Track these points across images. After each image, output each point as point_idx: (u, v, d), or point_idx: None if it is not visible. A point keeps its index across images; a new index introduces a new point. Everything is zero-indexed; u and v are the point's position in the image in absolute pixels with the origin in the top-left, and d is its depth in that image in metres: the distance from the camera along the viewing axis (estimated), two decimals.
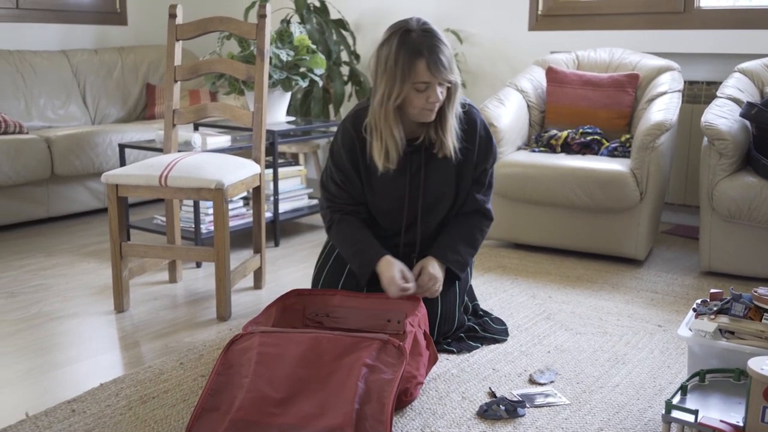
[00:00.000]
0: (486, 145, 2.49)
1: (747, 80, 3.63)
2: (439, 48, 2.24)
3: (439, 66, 2.22)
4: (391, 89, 2.26)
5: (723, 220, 3.28)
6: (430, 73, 2.22)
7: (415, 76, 2.23)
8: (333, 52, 5.00)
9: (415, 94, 2.26)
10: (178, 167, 2.82)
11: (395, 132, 2.33)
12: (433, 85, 2.25)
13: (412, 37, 2.24)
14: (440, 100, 2.28)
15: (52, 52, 4.95)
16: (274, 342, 2.10)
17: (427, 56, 2.21)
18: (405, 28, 2.26)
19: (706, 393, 1.89)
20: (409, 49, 2.22)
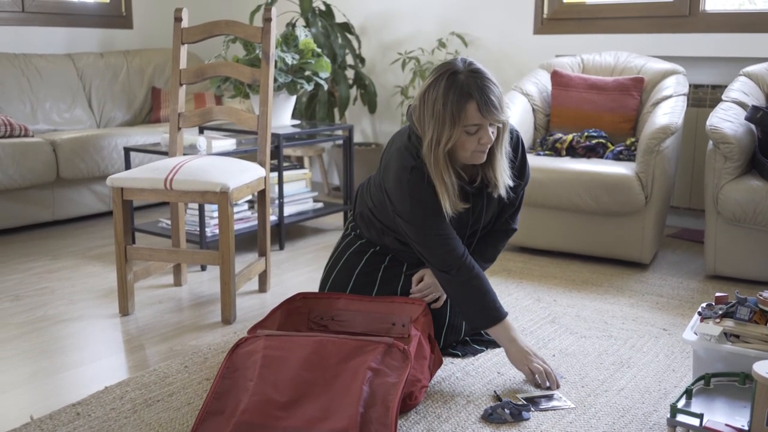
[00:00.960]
0: (521, 168, 2.45)
1: (752, 84, 3.62)
2: (489, 89, 2.14)
3: (491, 107, 2.13)
4: (440, 134, 2.16)
5: (728, 223, 3.27)
6: (481, 115, 2.13)
7: (465, 119, 2.14)
8: (338, 55, 5.00)
9: (466, 137, 2.17)
10: (183, 170, 2.83)
11: (446, 177, 2.21)
12: (484, 126, 2.16)
13: (460, 79, 2.14)
14: (492, 140, 2.19)
15: (58, 56, 4.96)
16: (279, 345, 2.11)
17: (477, 98, 2.12)
18: (452, 70, 2.16)
19: (711, 397, 1.89)
20: (458, 92, 2.13)
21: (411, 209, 2.27)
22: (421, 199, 2.25)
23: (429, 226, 2.27)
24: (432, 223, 2.27)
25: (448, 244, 2.29)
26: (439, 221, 2.27)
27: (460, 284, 2.31)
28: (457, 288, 2.32)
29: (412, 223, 2.29)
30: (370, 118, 5.43)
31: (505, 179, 2.31)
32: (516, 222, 2.57)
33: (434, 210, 2.25)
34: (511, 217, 2.54)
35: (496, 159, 2.28)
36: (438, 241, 2.28)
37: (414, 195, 2.25)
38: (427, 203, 2.25)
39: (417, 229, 2.29)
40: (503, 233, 2.56)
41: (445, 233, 2.28)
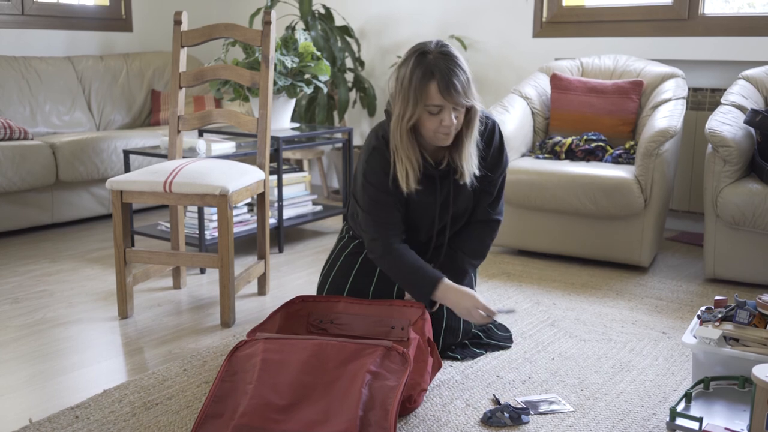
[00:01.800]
0: (496, 156, 2.48)
1: (751, 87, 3.62)
2: (453, 71, 2.19)
3: (451, 89, 2.18)
4: (404, 110, 2.24)
5: (727, 227, 3.27)
6: (441, 96, 2.19)
7: (427, 99, 2.20)
8: (338, 58, 5.01)
9: (427, 116, 2.23)
10: (182, 173, 2.83)
11: (411, 154, 2.30)
12: (446, 108, 2.21)
13: (428, 59, 2.21)
14: (454, 124, 2.24)
15: (58, 59, 4.96)
16: (278, 348, 2.11)
17: (438, 79, 2.18)
18: (422, 50, 2.24)
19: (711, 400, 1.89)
20: (422, 71, 2.20)
21: (365, 176, 2.40)
22: (374, 169, 2.37)
23: (374, 198, 2.39)
24: (377, 197, 2.38)
25: (383, 225, 2.40)
26: (383, 197, 2.38)
27: (393, 268, 2.41)
28: (392, 271, 2.42)
29: (362, 190, 2.41)
30: (370, 121, 5.44)
31: (470, 167, 2.36)
32: (497, 212, 2.56)
33: (384, 183, 2.36)
34: (491, 206, 2.54)
35: (462, 145, 2.34)
36: (375, 215, 2.40)
37: (370, 162, 2.38)
38: (379, 174, 2.37)
39: (364, 198, 2.41)
40: (485, 224, 2.55)
41: (384, 212, 2.39)
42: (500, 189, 2.55)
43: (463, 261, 2.53)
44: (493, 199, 2.53)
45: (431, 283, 2.36)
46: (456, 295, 2.35)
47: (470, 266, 2.57)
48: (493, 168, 2.48)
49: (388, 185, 2.37)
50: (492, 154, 2.46)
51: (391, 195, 2.38)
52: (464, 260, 2.53)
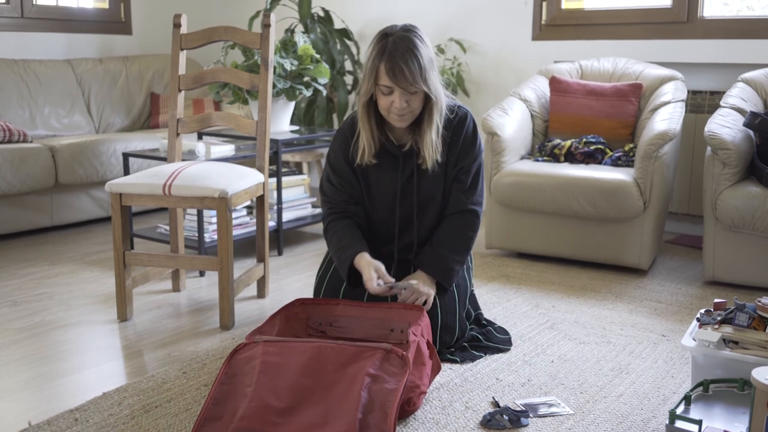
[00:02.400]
0: (468, 144, 2.53)
1: (750, 90, 3.63)
2: (404, 56, 2.28)
3: (398, 73, 2.27)
4: (362, 85, 2.38)
5: (727, 229, 3.28)
6: (388, 78, 2.29)
7: (378, 78, 2.32)
8: (337, 61, 5.01)
9: (381, 96, 2.35)
10: (182, 176, 2.83)
11: (367, 127, 2.43)
12: (396, 91, 2.31)
13: (387, 41, 2.32)
14: (404, 107, 2.33)
15: (57, 61, 4.97)
16: (278, 351, 2.10)
17: (386, 61, 2.28)
18: (385, 32, 2.36)
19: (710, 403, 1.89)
20: (378, 51, 2.32)
21: (331, 144, 2.59)
22: (332, 151, 2.57)
23: (331, 166, 2.57)
24: (329, 179, 2.57)
25: (326, 193, 2.58)
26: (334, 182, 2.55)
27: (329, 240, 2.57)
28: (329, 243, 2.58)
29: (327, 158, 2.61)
30: None
31: (431, 153, 2.43)
32: (472, 202, 2.56)
33: (337, 168, 2.54)
34: (465, 194, 2.55)
35: (422, 131, 2.43)
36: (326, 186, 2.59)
37: (330, 147, 2.59)
38: (335, 157, 2.55)
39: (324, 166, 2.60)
40: (461, 215, 2.55)
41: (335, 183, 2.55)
42: (475, 178, 2.56)
43: (446, 258, 2.51)
44: (467, 188, 2.54)
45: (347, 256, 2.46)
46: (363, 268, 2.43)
47: (455, 263, 2.52)
48: (464, 156, 2.52)
49: (343, 166, 2.53)
50: (463, 143, 2.51)
51: (346, 177, 2.54)
52: (447, 257, 2.51)
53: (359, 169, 2.53)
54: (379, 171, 2.52)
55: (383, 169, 2.52)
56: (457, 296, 2.57)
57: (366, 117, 2.43)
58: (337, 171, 2.56)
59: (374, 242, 2.59)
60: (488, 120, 3.73)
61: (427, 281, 2.49)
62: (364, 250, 2.47)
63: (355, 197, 2.57)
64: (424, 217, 2.56)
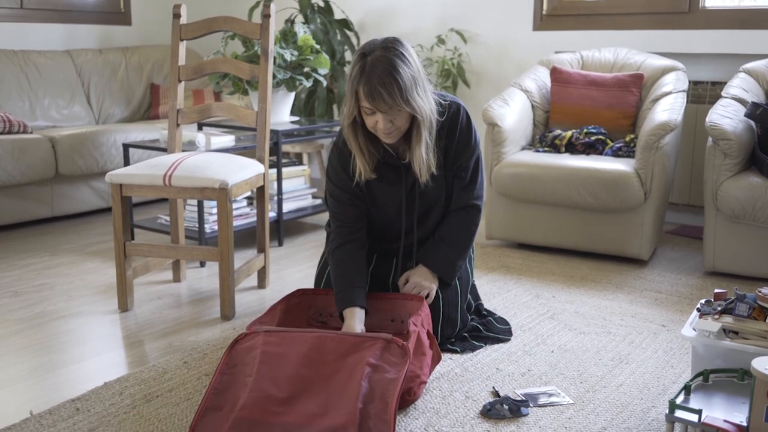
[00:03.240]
0: (464, 141, 2.45)
1: (752, 80, 3.62)
2: (382, 78, 2.16)
3: (376, 97, 2.16)
4: (345, 106, 2.29)
5: (727, 220, 3.27)
6: (367, 101, 2.19)
7: (360, 100, 2.23)
8: (337, 52, 5.00)
9: (366, 116, 2.26)
10: (182, 167, 2.83)
11: (355, 144, 2.34)
12: (377, 112, 2.22)
13: (365, 61, 2.20)
14: (389, 127, 2.24)
15: (57, 52, 4.96)
16: (278, 341, 2.11)
17: (364, 84, 2.18)
18: (364, 51, 2.23)
19: (710, 393, 1.89)
20: (357, 72, 2.21)
21: (329, 162, 2.49)
22: (330, 169, 2.48)
23: (330, 198, 2.50)
24: (332, 196, 2.49)
25: (334, 210, 2.49)
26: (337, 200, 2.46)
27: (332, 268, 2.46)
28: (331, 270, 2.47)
29: (327, 187, 2.52)
30: None
31: (424, 168, 2.35)
32: (473, 197, 2.52)
33: (338, 184, 2.46)
34: (465, 190, 2.51)
35: (412, 148, 2.33)
36: (331, 217, 2.52)
37: (329, 164, 2.49)
38: (333, 174, 2.47)
39: (328, 192, 2.52)
40: (463, 211, 2.53)
41: (342, 200, 2.46)
42: (474, 172, 2.51)
43: (449, 254, 2.51)
44: (467, 183, 2.51)
45: (343, 303, 2.35)
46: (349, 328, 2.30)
47: (458, 259, 2.52)
48: (460, 154, 2.46)
49: (346, 181, 2.43)
50: (458, 141, 2.44)
51: (349, 191, 2.44)
52: (450, 253, 2.51)
53: (361, 184, 2.44)
54: (382, 184, 2.44)
55: (386, 181, 2.44)
56: (459, 289, 2.57)
57: (353, 137, 2.33)
58: (340, 186, 2.46)
59: (378, 243, 2.57)
60: (489, 111, 3.72)
61: (428, 275, 2.49)
62: (361, 304, 2.35)
63: (362, 210, 2.48)
64: (427, 219, 2.54)
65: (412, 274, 2.50)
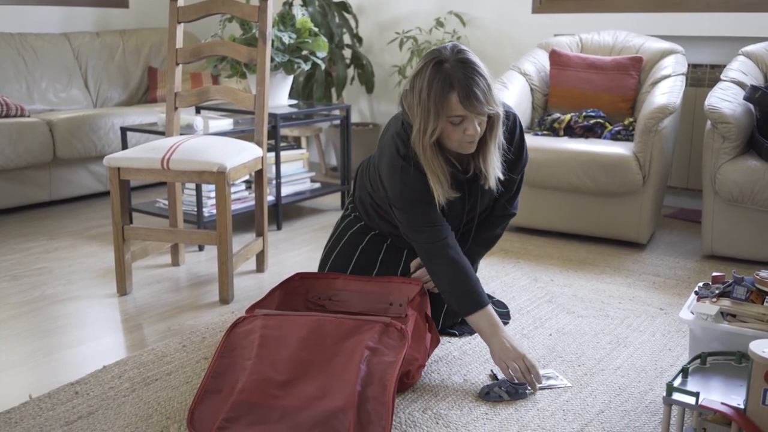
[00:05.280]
0: (517, 154, 2.40)
1: (751, 63, 3.61)
2: (473, 80, 2.07)
3: (473, 99, 2.06)
4: (426, 124, 2.12)
5: (726, 203, 3.27)
6: (463, 107, 2.08)
7: (449, 110, 2.09)
8: (335, 35, 4.98)
9: (451, 127, 2.13)
10: (180, 150, 2.82)
11: (438, 168, 2.20)
12: (469, 118, 2.11)
13: (445, 69, 2.08)
14: (478, 132, 2.14)
15: (54, 35, 4.93)
16: (277, 325, 2.11)
17: (458, 89, 2.06)
18: (439, 59, 2.11)
19: (708, 376, 1.89)
20: (441, 82, 2.08)
21: (401, 195, 2.26)
22: (411, 187, 2.24)
23: (417, 213, 2.26)
24: (420, 211, 2.26)
25: (435, 233, 2.27)
26: (427, 209, 2.25)
27: (443, 272, 2.26)
28: (440, 275, 2.27)
29: (401, 209, 2.28)
30: (368, 97, 5.41)
31: (495, 172, 2.26)
32: (515, 206, 2.53)
33: (423, 197, 2.24)
34: (509, 201, 2.50)
35: (488, 150, 2.24)
36: (425, 229, 2.27)
37: (405, 182, 2.24)
38: (416, 190, 2.24)
39: (406, 216, 2.28)
40: (501, 218, 2.53)
41: (432, 221, 2.27)
42: (519, 184, 2.50)
43: (471, 251, 2.51)
44: (512, 194, 2.49)
45: (474, 305, 2.22)
46: (492, 330, 2.20)
47: (478, 255, 2.57)
48: (514, 165, 2.40)
49: (429, 191, 2.24)
50: (514, 152, 2.38)
51: (432, 197, 2.24)
52: (473, 250, 2.52)
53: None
54: (448, 202, 2.30)
55: (452, 200, 2.30)
56: None
57: (435, 157, 2.18)
58: (425, 192, 2.24)
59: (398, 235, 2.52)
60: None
61: None
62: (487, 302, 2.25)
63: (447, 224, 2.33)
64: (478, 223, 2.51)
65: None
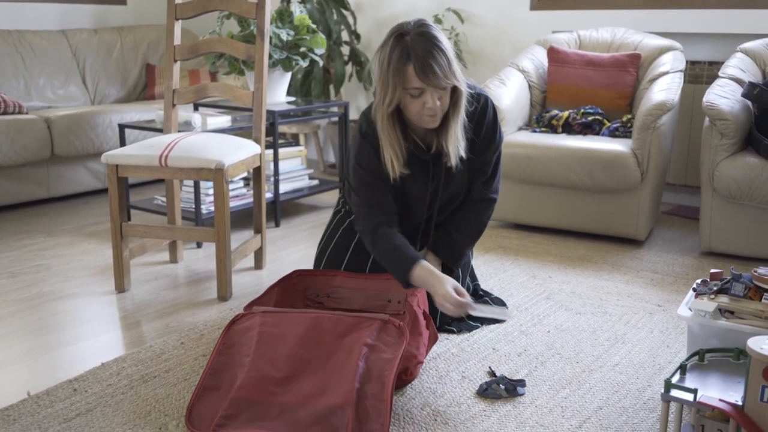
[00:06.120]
0: (489, 136, 2.43)
1: (749, 60, 3.61)
2: (431, 53, 2.12)
3: (428, 72, 2.12)
4: (385, 94, 2.20)
5: (724, 200, 3.28)
6: (419, 78, 2.13)
7: (406, 82, 2.15)
8: (333, 31, 4.97)
9: (410, 99, 2.18)
10: (178, 147, 2.82)
11: (393, 139, 2.27)
12: (427, 90, 2.16)
13: (405, 41, 2.15)
14: (437, 106, 2.19)
15: (52, 32, 4.92)
16: (275, 322, 2.11)
17: (415, 61, 2.12)
18: (400, 32, 2.17)
19: (706, 372, 1.90)
20: (399, 53, 2.14)
21: (354, 172, 2.38)
22: (363, 165, 2.35)
23: (364, 193, 2.37)
24: (366, 192, 2.36)
25: (375, 215, 2.35)
26: (374, 191, 2.35)
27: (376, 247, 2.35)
28: (375, 249, 2.36)
29: (353, 188, 2.41)
30: (366, 94, 5.41)
31: (457, 150, 2.31)
32: (492, 191, 2.52)
33: (374, 178, 2.34)
34: (486, 185, 2.50)
35: (449, 126, 2.28)
36: (366, 210, 2.37)
37: (358, 158, 2.36)
38: (368, 170, 2.34)
39: (356, 196, 2.40)
40: (479, 203, 2.52)
41: (376, 203, 2.36)
42: (495, 166, 2.51)
43: (459, 244, 2.51)
44: (487, 178, 2.50)
45: (409, 263, 2.26)
46: (432, 280, 2.21)
47: (466, 247, 2.54)
48: (486, 147, 2.43)
49: (380, 169, 2.32)
50: (485, 132, 2.41)
51: (383, 179, 2.33)
52: (461, 243, 2.51)
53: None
54: (410, 179, 2.37)
55: (414, 176, 2.37)
56: (461, 273, 2.58)
57: (391, 128, 2.26)
58: (375, 172, 2.34)
59: None
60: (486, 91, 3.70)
61: (433, 261, 2.49)
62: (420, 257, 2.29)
63: (393, 197, 2.39)
64: (446, 209, 2.52)
65: None
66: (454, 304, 2.15)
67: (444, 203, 2.50)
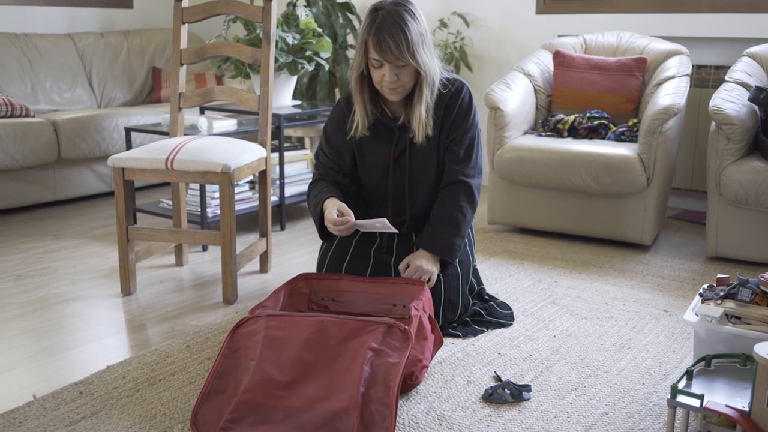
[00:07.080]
0: (462, 116, 2.52)
1: (756, 64, 3.60)
2: (390, 29, 2.27)
3: (384, 47, 2.28)
4: (355, 59, 2.40)
5: (730, 205, 3.27)
6: (375, 51, 2.30)
7: (368, 52, 2.34)
8: (339, 35, 4.98)
9: (373, 69, 2.37)
10: (184, 151, 2.82)
11: (360, 99, 2.45)
12: (387, 65, 2.32)
13: (376, 15, 2.32)
14: (393, 81, 2.34)
15: (58, 36, 4.94)
16: (280, 325, 2.11)
17: (374, 35, 2.29)
18: (377, 6, 2.35)
19: (712, 378, 1.89)
20: (367, 25, 2.32)
21: (325, 127, 2.65)
22: (332, 119, 2.61)
23: (324, 139, 2.64)
24: (326, 138, 2.63)
25: (319, 160, 2.66)
26: (332, 140, 2.60)
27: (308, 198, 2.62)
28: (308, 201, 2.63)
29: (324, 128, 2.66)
30: None
31: (422, 129, 2.45)
32: (465, 174, 2.52)
33: (336, 132, 2.59)
34: (458, 166, 2.53)
35: (413, 106, 2.44)
36: (321, 156, 2.66)
37: (330, 116, 2.63)
38: (334, 123, 2.59)
39: (319, 144, 2.68)
40: (455, 186, 2.52)
41: (326, 152, 2.62)
42: (468, 150, 2.54)
43: (443, 233, 2.49)
44: (460, 159, 2.53)
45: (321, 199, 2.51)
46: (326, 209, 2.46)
47: (454, 236, 2.50)
48: (456, 128, 2.52)
49: (338, 137, 2.58)
50: (456, 115, 2.51)
51: (337, 145, 2.59)
52: (444, 231, 2.49)
53: (354, 140, 2.56)
54: (374, 143, 2.54)
55: (378, 141, 2.54)
56: (460, 273, 2.57)
57: (359, 90, 2.45)
58: (331, 141, 2.61)
59: (366, 211, 2.63)
60: (491, 95, 3.71)
61: (429, 259, 2.49)
62: (335, 196, 2.50)
63: (343, 168, 2.62)
64: (416, 188, 2.57)
65: (412, 259, 2.50)
66: (335, 223, 2.38)
67: (412, 182, 2.55)
